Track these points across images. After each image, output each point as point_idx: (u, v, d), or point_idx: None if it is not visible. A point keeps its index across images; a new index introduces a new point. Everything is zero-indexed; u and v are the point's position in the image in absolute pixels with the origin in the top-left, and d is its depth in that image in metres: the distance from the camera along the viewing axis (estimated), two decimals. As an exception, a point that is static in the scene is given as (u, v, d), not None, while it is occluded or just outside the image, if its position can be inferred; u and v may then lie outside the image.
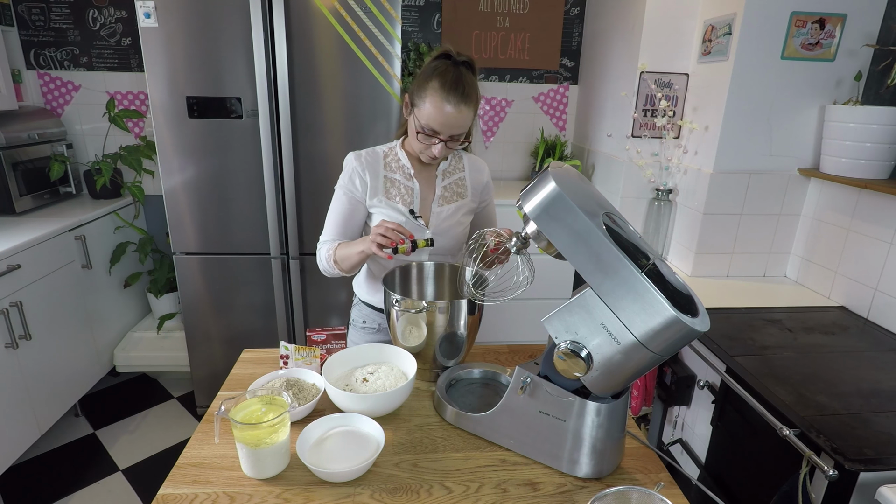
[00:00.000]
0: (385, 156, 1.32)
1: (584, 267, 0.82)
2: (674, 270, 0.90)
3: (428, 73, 1.17)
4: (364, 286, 1.43)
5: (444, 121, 1.15)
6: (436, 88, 1.14)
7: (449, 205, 1.33)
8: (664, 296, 0.75)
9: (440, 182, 1.33)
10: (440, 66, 1.17)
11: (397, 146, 1.33)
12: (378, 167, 1.30)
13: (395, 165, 1.31)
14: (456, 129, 1.17)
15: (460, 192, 1.35)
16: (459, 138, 1.21)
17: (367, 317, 1.43)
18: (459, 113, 1.15)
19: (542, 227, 0.85)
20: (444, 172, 1.34)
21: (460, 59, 1.19)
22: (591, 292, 0.82)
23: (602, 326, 0.82)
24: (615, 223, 0.87)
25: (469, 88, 1.16)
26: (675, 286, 0.86)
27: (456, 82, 1.14)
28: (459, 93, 1.14)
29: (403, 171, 1.31)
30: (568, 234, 0.81)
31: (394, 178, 1.30)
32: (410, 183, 1.31)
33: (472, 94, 1.17)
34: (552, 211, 0.82)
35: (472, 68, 1.21)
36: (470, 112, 1.18)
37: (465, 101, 1.15)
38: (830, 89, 1.73)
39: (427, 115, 1.16)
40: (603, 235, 0.79)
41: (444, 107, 1.14)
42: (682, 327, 0.75)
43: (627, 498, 0.80)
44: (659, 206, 2.05)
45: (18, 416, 1.90)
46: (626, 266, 0.77)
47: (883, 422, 1.08)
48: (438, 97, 1.14)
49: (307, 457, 0.89)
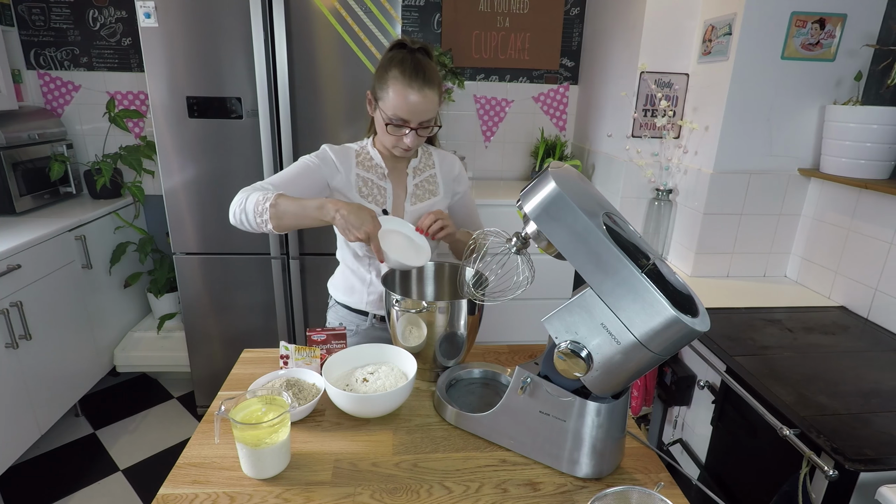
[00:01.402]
0: (357, 154, 1.30)
1: (584, 267, 0.81)
2: (674, 270, 0.90)
3: (386, 64, 1.17)
4: (340, 287, 1.39)
5: (411, 108, 1.15)
6: (397, 77, 1.14)
7: (421, 203, 1.33)
8: (664, 296, 0.75)
9: (411, 180, 1.32)
10: (397, 56, 1.17)
11: (368, 145, 1.31)
12: (351, 163, 1.29)
13: (367, 164, 1.30)
14: (424, 114, 1.17)
15: (432, 189, 1.35)
16: (429, 124, 1.20)
17: (343, 318, 1.40)
18: (425, 97, 1.15)
19: (542, 227, 0.84)
20: (414, 170, 1.33)
21: (415, 47, 1.19)
22: (591, 292, 0.82)
23: (602, 326, 0.82)
24: (615, 223, 0.87)
25: (430, 73, 1.16)
26: (675, 286, 0.86)
27: (416, 68, 1.14)
28: (421, 77, 1.14)
29: (377, 170, 1.30)
30: (568, 234, 0.81)
31: (366, 176, 1.29)
32: (383, 182, 1.30)
33: (434, 78, 1.17)
34: (552, 211, 0.82)
35: (429, 54, 1.21)
36: (435, 95, 1.17)
37: (429, 84, 1.15)
38: (830, 89, 1.73)
39: (393, 106, 1.16)
40: (603, 235, 0.79)
41: (408, 94, 1.14)
42: (683, 327, 0.75)
43: (627, 498, 0.80)
44: (659, 206, 2.05)
45: (18, 416, 1.90)
46: (626, 266, 0.77)
47: (883, 422, 1.08)
48: (401, 85, 1.14)
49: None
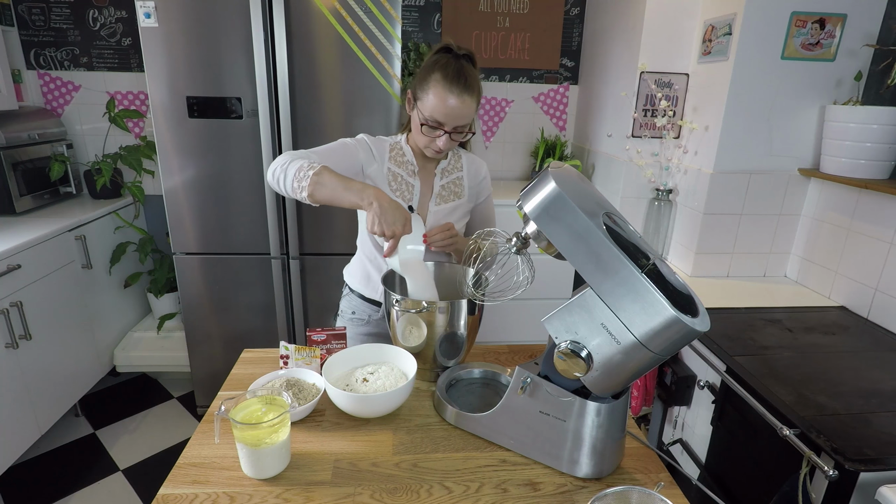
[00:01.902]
0: (391, 148, 1.33)
1: (584, 267, 0.81)
2: (674, 270, 0.90)
3: (430, 66, 1.19)
4: (357, 276, 1.43)
5: (448, 111, 1.17)
6: (438, 80, 1.16)
7: (446, 204, 1.35)
8: (664, 296, 0.75)
9: (438, 181, 1.34)
10: (441, 59, 1.19)
11: (402, 141, 1.34)
12: (385, 156, 1.31)
13: (400, 159, 1.32)
14: (460, 119, 1.19)
15: (457, 191, 1.36)
16: (463, 129, 1.22)
17: (356, 307, 1.43)
18: (463, 103, 1.17)
19: (542, 227, 0.84)
20: (442, 171, 1.35)
21: (461, 53, 1.21)
22: (591, 292, 0.82)
23: (602, 326, 0.82)
24: (615, 223, 0.87)
25: (471, 80, 1.18)
26: (675, 286, 0.86)
27: (458, 73, 1.16)
28: (462, 83, 1.16)
29: (407, 166, 1.32)
30: (568, 234, 0.81)
31: (396, 171, 1.31)
32: (412, 179, 1.32)
33: (475, 86, 1.19)
34: (552, 211, 0.82)
35: (473, 61, 1.23)
36: (473, 103, 1.19)
37: (468, 91, 1.17)
38: (830, 89, 1.73)
39: (431, 107, 1.18)
40: (603, 235, 0.79)
41: (447, 98, 1.16)
42: (683, 327, 0.75)
43: (627, 498, 0.80)
44: (659, 206, 2.05)
45: (18, 416, 1.90)
46: (626, 266, 0.77)
47: (883, 422, 1.08)
48: (441, 88, 1.16)
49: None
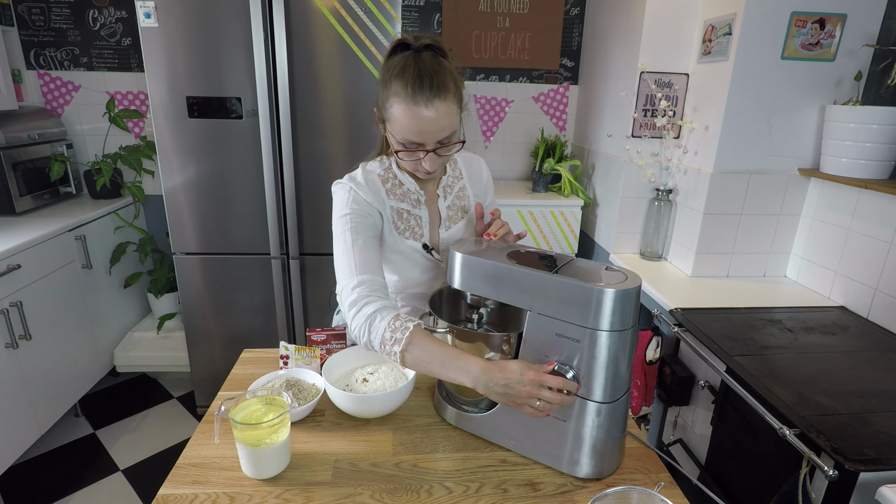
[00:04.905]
0: (383, 180, 1.09)
1: (512, 298, 0.89)
2: (600, 263, 0.96)
3: (386, 77, 0.95)
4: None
5: (422, 128, 0.93)
6: (398, 92, 0.92)
7: (455, 225, 1.18)
8: (585, 282, 0.82)
9: (443, 203, 1.15)
10: (397, 63, 0.94)
11: (393, 166, 1.11)
12: (381, 194, 1.08)
13: (398, 191, 1.10)
14: (439, 132, 0.95)
15: (464, 206, 1.20)
16: (449, 142, 0.98)
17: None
18: (436, 111, 0.92)
19: (467, 289, 0.95)
20: (445, 189, 1.16)
21: (420, 45, 0.95)
22: (532, 315, 0.88)
23: (559, 336, 0.86)
24: (521, 250, 0.97)
25: (440, 79, 0.92)
26: (591, 269, 0.90)
27: (420, 77, 0.91)
28: (428, 89, 0.91)
29: (409, 197, 1.10)
30: (484, 282, 0.91)
31: (400, 207, 1.10)
32: (418, 210, 1.11)
33: (447, 85, 0.93)
34: (465, 272, 0.92)
35: (439, 51, 0.97)
36: (449, 106, 0.94)
37: (440, 95, 0.92)
38: (830, 89, 1.73)
39: (401, 127, 0.94)
40: (511, 265, 0.87)
41: (414, 111, 0.92)
42: (619, 295, 0.81)
43: (628, 498, 0.80)
44: (659, 206, 2.05)
45: (18, 416, 1.90)
46: (539, 276, 0.84)
47: (883, 422, 1.08)
48: (404, 102, 0.92)
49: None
